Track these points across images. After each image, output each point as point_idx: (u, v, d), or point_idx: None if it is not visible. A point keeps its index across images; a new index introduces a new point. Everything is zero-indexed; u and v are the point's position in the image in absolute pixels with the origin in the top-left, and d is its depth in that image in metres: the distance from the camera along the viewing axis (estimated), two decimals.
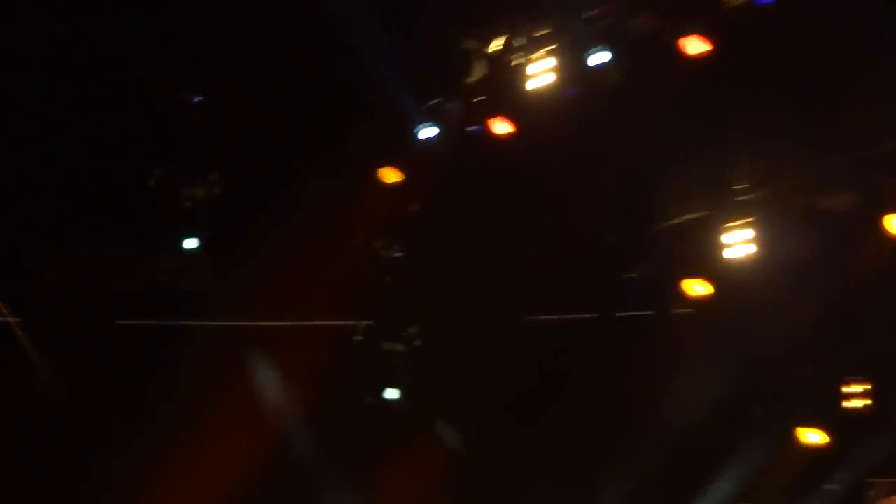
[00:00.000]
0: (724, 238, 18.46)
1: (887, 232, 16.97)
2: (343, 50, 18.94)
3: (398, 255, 21.04)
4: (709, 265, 18.93)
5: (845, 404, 18.55)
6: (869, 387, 18.41)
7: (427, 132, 19.72)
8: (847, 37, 17.17)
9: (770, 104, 18.43)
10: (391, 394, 20.89)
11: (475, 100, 19.40)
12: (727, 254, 18.49)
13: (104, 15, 19.08)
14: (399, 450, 20.41)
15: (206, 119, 20.54)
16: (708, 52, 17.21)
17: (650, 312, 20.38)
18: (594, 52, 17.92)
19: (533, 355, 20.77)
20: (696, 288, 19.17)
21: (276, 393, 20.81)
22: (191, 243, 20.64)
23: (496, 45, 19.01)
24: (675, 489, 19.18)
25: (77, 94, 19.35)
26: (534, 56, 18.47)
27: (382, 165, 20.28)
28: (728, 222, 18.48)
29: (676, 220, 19.47)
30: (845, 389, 18.64)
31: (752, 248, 18.21)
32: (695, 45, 17.16)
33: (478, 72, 19.32)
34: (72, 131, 19.42)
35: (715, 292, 19.14)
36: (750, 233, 18.23)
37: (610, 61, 17.79)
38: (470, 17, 19.14)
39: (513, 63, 18.85)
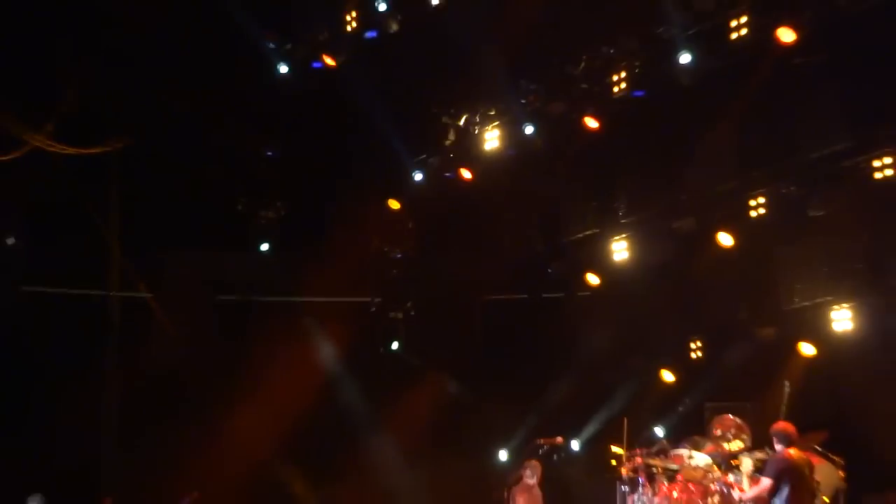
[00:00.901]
0: (611, 247, 18.73)
1: (717, 244, 17.21)
2: (365, 125, 19.19)
3: (399, 255, 21.40)
4: (601, 264, 19.13)
5: (690, 355, 18.76)
6: (703, 344, 18.72)
7: (419, 176, 20.00)
8: (685, 118, 17.52)
9: (640, 160, 18.79)
10: (394, 346, 21.27)
11: (450, 156, 19.68)
12: (613, 257, 18.77)
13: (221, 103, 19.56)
14: (399, 380, 20.67)
15: (276, 167, 20.95)
16: (599, 126, 17.58)
17: (562, 294, 20.62)
18: (526, 126, 18.25)
19: (488, 321, 21.06)
20: (593, 279, 19.45)
21: (322, 344, 21.01)
22: (264, 247, 21.15)
23: (462, 119, 19.31)
24: (582, 408, 19.35)
25: (198, 154, 19.61)
26: (486, 128, 18.82)
27: (389, 197, 20.67)
28: (613, 237, 18.73)
29: (580, 235, 19.60)
30: (690, 346, 18.81)
31: (627, 254, 18.53)
32: (591, 122, 17.50)
33: (451, 137, 19.60)
34: (193, 178, 19.62)
35: (605, 282, 19.39)
36: (626, 244, 18.54)
37: (535, 132, 18.14)
38: (446, 101, 19.41)
39: (473, 132, 19.21)
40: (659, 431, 17.40)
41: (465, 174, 19.56)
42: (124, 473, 17.97)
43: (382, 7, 17.75)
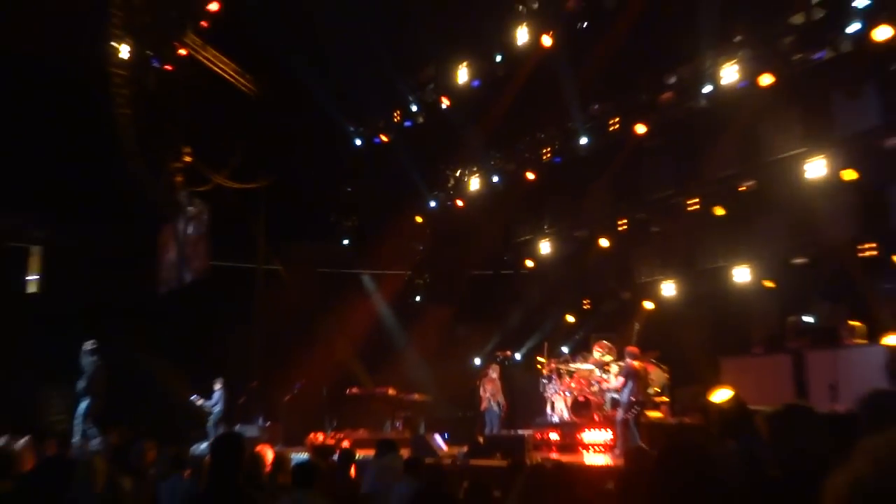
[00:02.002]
0: (540, 245, 19.00)
1: (599, 245, 17.51)
2: (403, 174, 19.25)
3: (421, 248, 21.31)
4: (534, 255, 19.30)
5: (583, 307, 18.95)
6: (590, 300, 18.86)
7: (433, 203, 20.11)
8: (583, 174, 17.73)
9: (557, 197, 19.10)
10: (418, 298, 21.24)
11: (450, 192, 19.80)
12: (541, 251, 19.03)
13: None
14: (420, 317, 20.60)
15: (353, 197, 21.09)
16: (535, 178, 17.90)
17: (512, 271, 20.64)
18: (493, 176, 18.54)
19: (472, 285, 20.76)
20: (529, 263, 19.62)
21: (377, 299, 21.02)
22: (345, 241, 21.16)
23: (458, 172, 19.57)
24: (522, 335, 19.07)
25: (310, 188, 19.54)
26: (471, 177, 19.17)
27: (416, 215, 20.62)
28: (541, 239, 19.00)
29: (523, 238, 19.92)
30: (583, 301, 19.04)
31: (549, 249, 18.82)
32: (530, 175, 17.83)
33: (451, 182, 19.74)
34: (306, 201, 19.69)
35: (536, 265, 19.53)
36: (549, 244, 18.83)
37: (499, 181, 18.47)
38: (448, 161, 19.65)
39: (464, 179, 19.44)
40: (564, 349, 17.59)
41: (459, 203, 19.68)
42: (264, 369, 17.95)
43: (414, 109, 18.10)
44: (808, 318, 14.33)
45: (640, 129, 15.55)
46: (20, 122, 15.85)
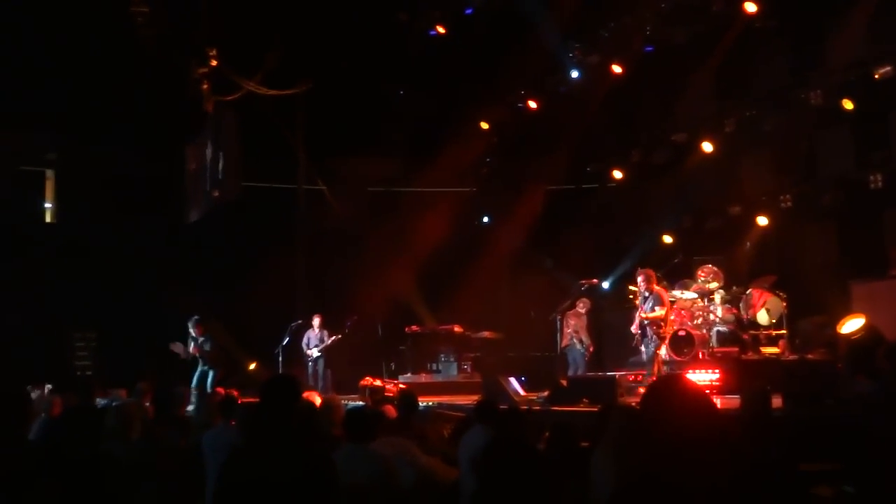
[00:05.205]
0: (630, 153, 18.62)
1: (702, 151, 17.27)
2: (463, 80, 18.91)
3: (488, 160, 20.88)
4: (623, 165, 19.04)
5: (683, 225, 18.54)
6: (692, 217, 18.41)
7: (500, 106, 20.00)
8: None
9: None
10: (486, 219, 21.17)
11: (522, 92, 19.52)
12: (632, 160, 18.73)
13: None
14: (490, 242, 20.31)
15: (406, 103, 20.51)
16: (623, 72, 17.61)
17: (596, 185, 20.15)
18: (573, 72, 18.38)
19: (549, 204, 20.17)
20: (617, 174, 19.28)
21: (438, 221, 19.87)
22: (399, 154, 20.88)
23: (530, 67, 18.86)
24: (607, 262, 18.94)
25: (354, 94, 19.11)
26: (546, 74, 18.93)
27: (480, 121, 20.03)
28: (632, 147, 18.63)
29: (609, 145, 19.50)
30: (683, 219, 18.71)
31: (641, 157, 18.42)
32: (618, 68, 17.55)
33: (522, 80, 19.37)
34: (352, 110, 19.48)
35: (625, 177, 19.27)
36: (640, 151, 18.53)
37: (581, 76, 18.23)
38: (518, 55, 18.68)
39: (538, 76, 19.12)
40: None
41: (532, 105, 19.18)
42: (309, 304, 18.11)
43: None
44: None
45: (751, 7, 14.99)
46: (30, 30, 16.09)
